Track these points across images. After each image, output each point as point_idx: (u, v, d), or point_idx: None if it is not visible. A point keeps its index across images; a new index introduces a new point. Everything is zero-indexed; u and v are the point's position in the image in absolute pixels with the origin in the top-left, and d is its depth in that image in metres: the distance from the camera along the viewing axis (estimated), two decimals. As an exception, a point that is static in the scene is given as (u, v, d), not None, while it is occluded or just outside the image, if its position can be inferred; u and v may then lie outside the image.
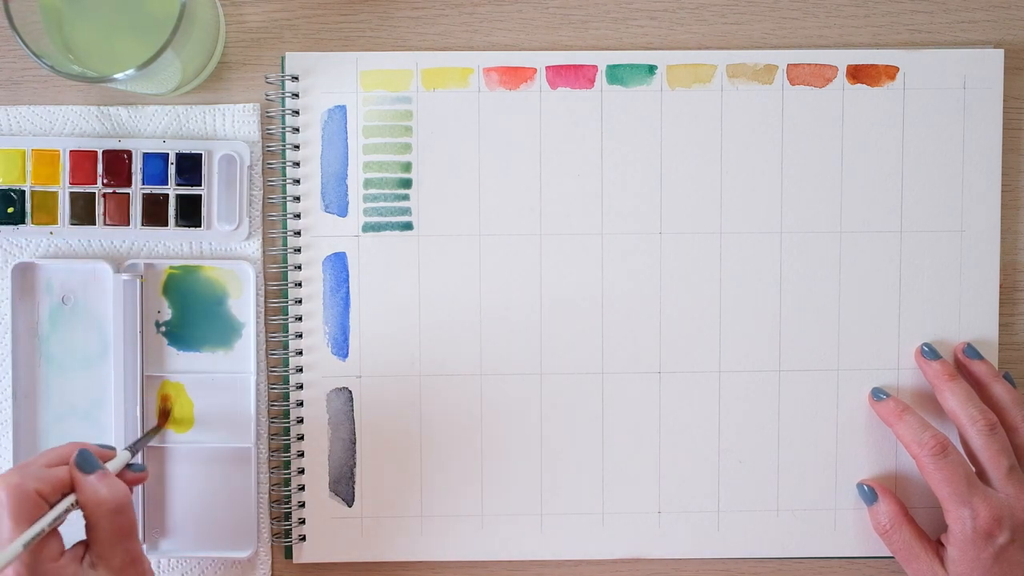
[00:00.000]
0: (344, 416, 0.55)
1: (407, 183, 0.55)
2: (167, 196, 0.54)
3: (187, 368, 0.55)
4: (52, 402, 0.55)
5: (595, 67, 0.55)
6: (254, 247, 0.55)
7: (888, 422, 0.54)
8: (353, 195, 0.55)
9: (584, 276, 0.55)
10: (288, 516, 0.55)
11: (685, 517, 0.56)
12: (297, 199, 0.55)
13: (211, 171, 0.54)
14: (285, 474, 0.55)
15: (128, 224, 0.54)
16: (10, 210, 0.54)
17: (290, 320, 0.55)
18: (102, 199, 0.54)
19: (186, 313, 0.55)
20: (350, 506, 0.55)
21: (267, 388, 0.56)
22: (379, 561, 0.56)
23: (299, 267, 0.55)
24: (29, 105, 0.55)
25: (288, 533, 0.55)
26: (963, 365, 0.55)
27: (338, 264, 0.55)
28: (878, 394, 0.55)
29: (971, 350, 0.55)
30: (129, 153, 0.54)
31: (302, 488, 0.55)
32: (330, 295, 0.55)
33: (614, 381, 0.56)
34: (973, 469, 0.52)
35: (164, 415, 0.54)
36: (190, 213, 0.54)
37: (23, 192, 0.54)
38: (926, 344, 0.55)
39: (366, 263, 0.55)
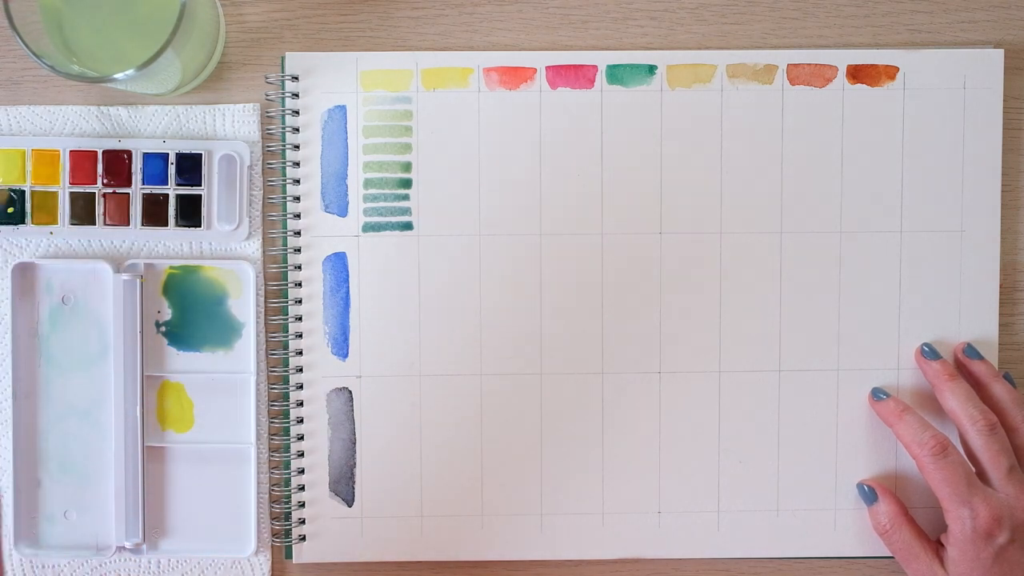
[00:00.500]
0: (344, 416, 0.55)
1: (407, 183, 0.55)
2: (167, 196, 0.54)
3: (187, 368, 0.55)
4: (52, 402, 0.55)
5: (595, 67, 0.55)
6: (254, 247, 0.55)
7: (888, 422, 0.54)
8: (353, 195, 0.55)
9: (584, 276, 0.55)
10: (288, 516, 0.55)
11: (685, 517, 0.56)
12: (297, 199, 0.55)
13: (211, 171, 0.54)
14: (285, 474, 0.55)
15: (128, 224, 0.54)
16: (10, 210, 0.54)
17: (290, 320, 0.55)
18: (102, 199, 0.54)
19: (186, 313, 0.55)
20: (350, 506, 0.55)
21: (267, 388, 0.56)
22: (379, 561, 0.56)
23: (299, 267, 0.55)
24: (29, 105, 0.55)
25: (288, 533, 0.55)
26: (963, 365, 0.55)
27: (338, 264, 0.55)
28: (878, 394, 0.55)
29: (971, 350, 0.55)
30: (129, 153, 0.54)
31: (302, 488, 0.55)
32: (330, 295, 0.55)
33: (614, 381, 0.56)
34: (973, 469, 0.52)
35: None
36: (190, 213, 0.54)
37: (23, 192, 0.54)
38: (926, 344, 0.55)
39: (366, 263, 0.55)
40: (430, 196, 0.55)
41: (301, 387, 0.55)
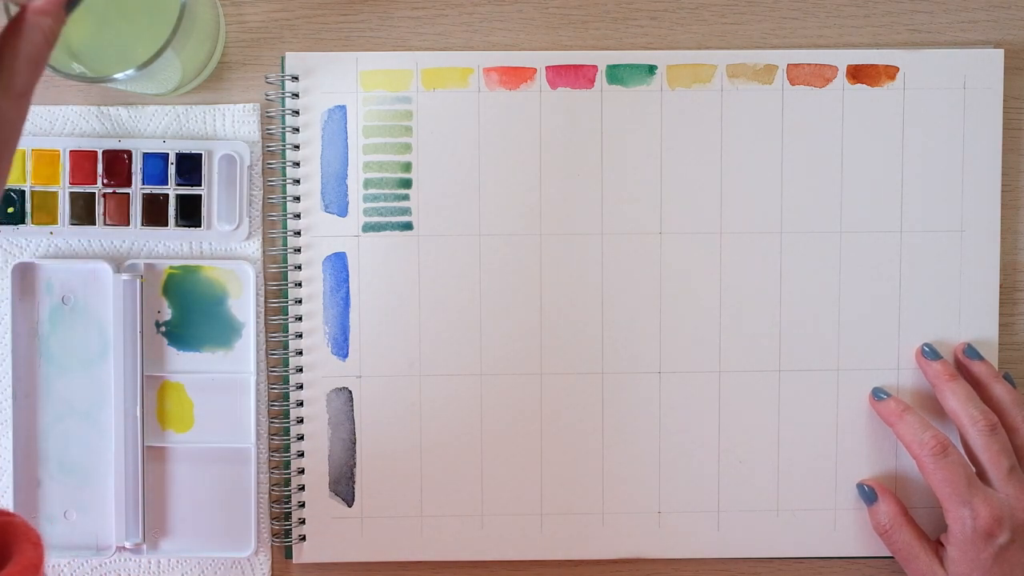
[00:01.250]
0: (344, 416, 0.55)
1: (407, 183, 0.55)
2: (167, 196, 0.54)
3: (187, 368, 0.55)
4: (52, 402, 0.55)
5: (595, 67, 0.55)
6: (254, 247, 0.55)
7: (889, 422, 0.54)
8: (353, 195, 0.55)
9: (584, 276, 0.55)
10: (288, 516, 0.55)
11: (685, 517, 0.56)
12: (297, 199, 0.55)
13: (211, 171, 0.54)
14: (285, 474, 0.55)
15: (128, 224, 0.54)
16: (10, 210, 0.54)
17: (290, 320, 0.55)
18: (102, 199, 0.54)
19: (186, 313, 0.55)
20: (350, 506, 0.55)
21: (267, 388, 0.56)
22: (379, 561, 0.56)
23: (299, 267, 0.55)
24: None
25: (288, 533, 0.55)
26: (963, 365, 0.55)
27: (338, 264, 0.55)
28: (879, 394, 0.55)
29: (971, 350, 0.55)
30: (129, 153, 0.54)
31: (302, 488, 0.55)
32: (330, 295, 0.55)
33: (614, 381, 0.55)
34: (973, 469, 0.52)
35: None
36: (190, 213, 0.54)
37: (23, 192, 0.54)
38: (927, 344, 0.55)
39: (366, 263, 0.55)
40: (430, 196, 0.55)
41: (301, 387, 0.55)
